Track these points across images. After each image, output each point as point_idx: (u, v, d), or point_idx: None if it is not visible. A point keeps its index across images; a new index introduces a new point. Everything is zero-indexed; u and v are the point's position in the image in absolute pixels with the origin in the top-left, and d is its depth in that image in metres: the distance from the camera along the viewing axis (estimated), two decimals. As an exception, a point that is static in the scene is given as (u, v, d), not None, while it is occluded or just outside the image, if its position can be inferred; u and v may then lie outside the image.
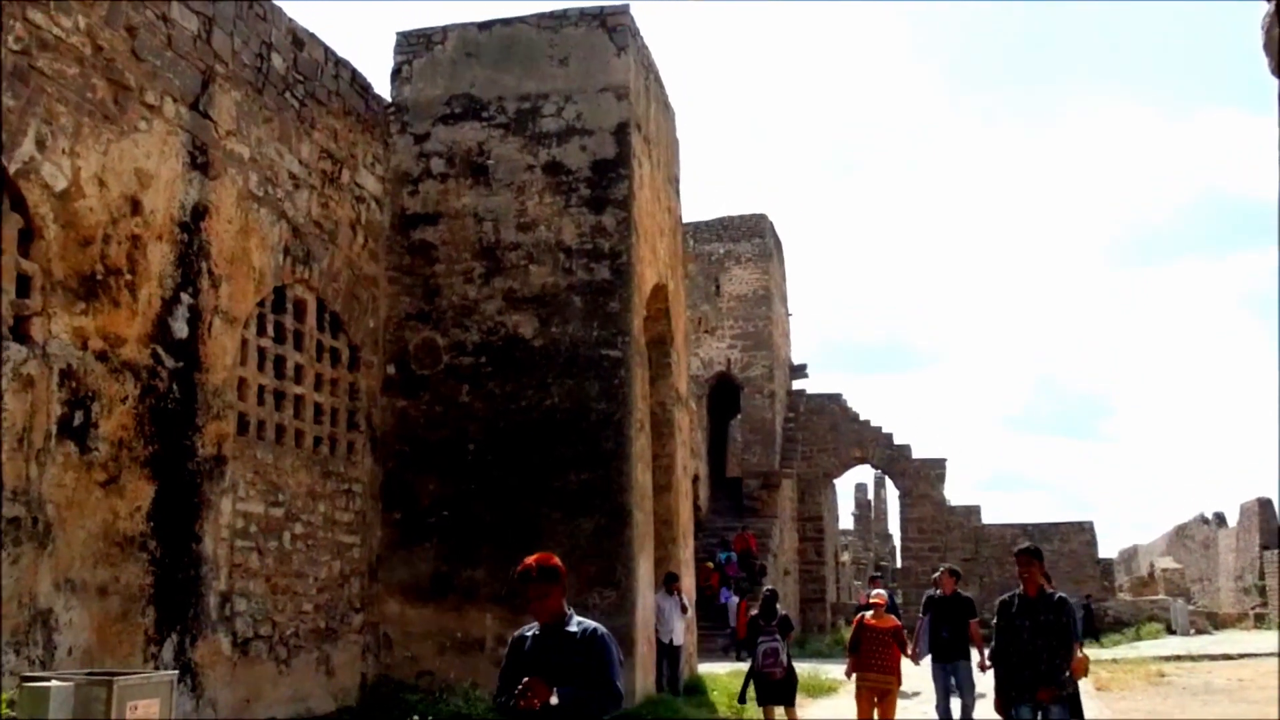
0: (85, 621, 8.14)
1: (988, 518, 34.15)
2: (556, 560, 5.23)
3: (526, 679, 4.80)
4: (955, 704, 11.62)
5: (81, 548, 8.13)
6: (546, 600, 5.14)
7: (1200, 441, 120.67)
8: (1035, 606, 8.19)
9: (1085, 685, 11.72)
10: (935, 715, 11.75)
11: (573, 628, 5.16)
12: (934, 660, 11.73)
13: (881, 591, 12.84)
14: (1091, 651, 22.44)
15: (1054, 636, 8.12)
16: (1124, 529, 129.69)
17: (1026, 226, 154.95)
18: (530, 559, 5.19)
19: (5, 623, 7.38)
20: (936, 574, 12.61)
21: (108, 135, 8.64)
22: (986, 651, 11.05)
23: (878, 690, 11.18)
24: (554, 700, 4.80)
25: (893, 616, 11.88)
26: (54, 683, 5.54)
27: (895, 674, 11.28)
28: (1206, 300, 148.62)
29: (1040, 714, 8.16)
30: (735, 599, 25.90)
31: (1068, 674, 8.12)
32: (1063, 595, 8.42)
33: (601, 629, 5.18)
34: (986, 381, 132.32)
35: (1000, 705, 8.41)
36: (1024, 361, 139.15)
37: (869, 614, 11.54)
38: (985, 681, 11.18)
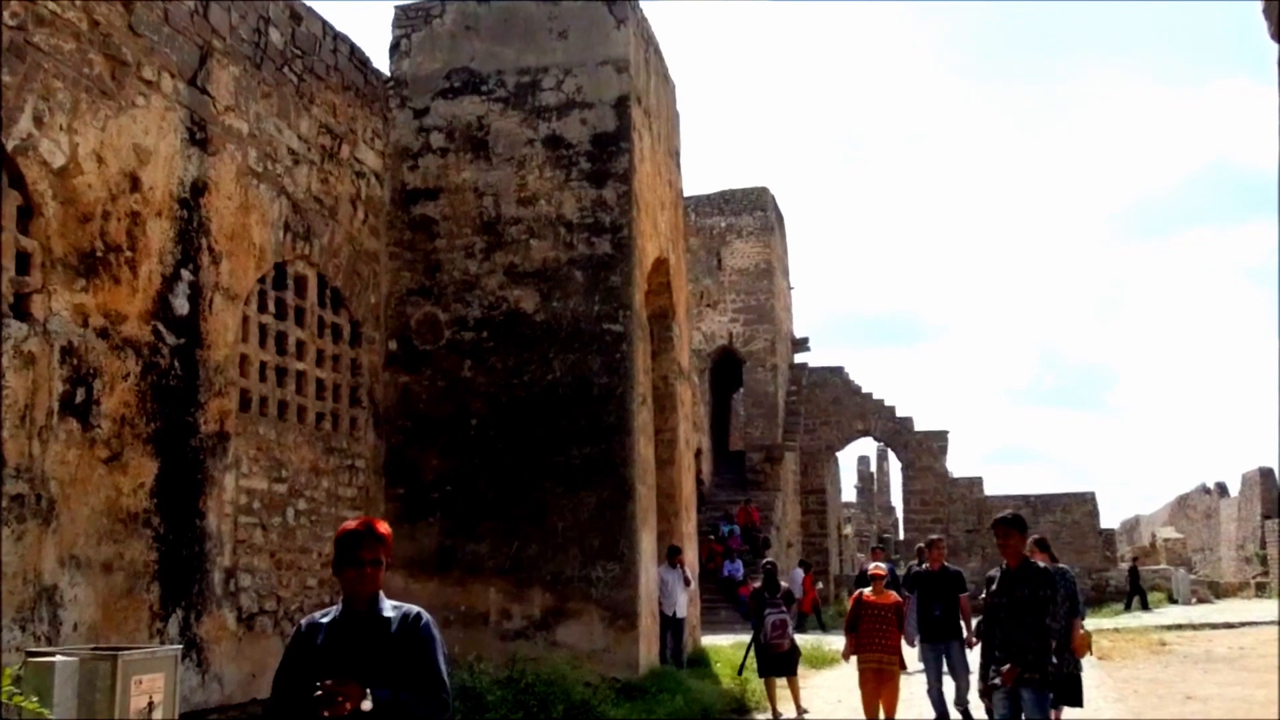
0: (90, 598, 8.17)
1: (990, 489, 34.30)
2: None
3: (331, 681, 3.79)
4: (949, 686, 11.05)
5: (85, 524, 8.15)
6: (379, 571, 4.12)
7: (1203, 412, 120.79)
8: (1014, 581, 7.55)
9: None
10: (929, 699, 11.08)
11: (388, 612, 4.13)
12: (923, 640, 11.03)
13: (881, 565, 12.47)
14: (1101, 620, 22.54)
15: (1028, 613, 7.43)
16: (1126, 499, 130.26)
17: (1032, 199, 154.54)
18: (361, 518, 4.32)
19: (11, 599, 7.40)
20: (921, 545, 11.86)
21: (105, 111, 8.60)
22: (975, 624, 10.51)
23: (880, 672, 10.57)
24: (367, 705, 3.82)
25: (893, 592, 11.26)
26: (59, 658, 5.57)
27: (898, 654, 10.68)
28: (1211, 271, 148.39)
29: (1015, 702, 7.44)
30: (800, 571, 25.80)
31: (1043, 655, 7.39)
32: (1044, 567, 7.75)
33: (425, 614, 4.18)
34: (990, 354, 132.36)
35: (980, 691, 7.94)
36: (1028, 334, 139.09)
37: (868, 590, 10.98)
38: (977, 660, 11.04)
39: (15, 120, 7.71)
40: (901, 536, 37.93)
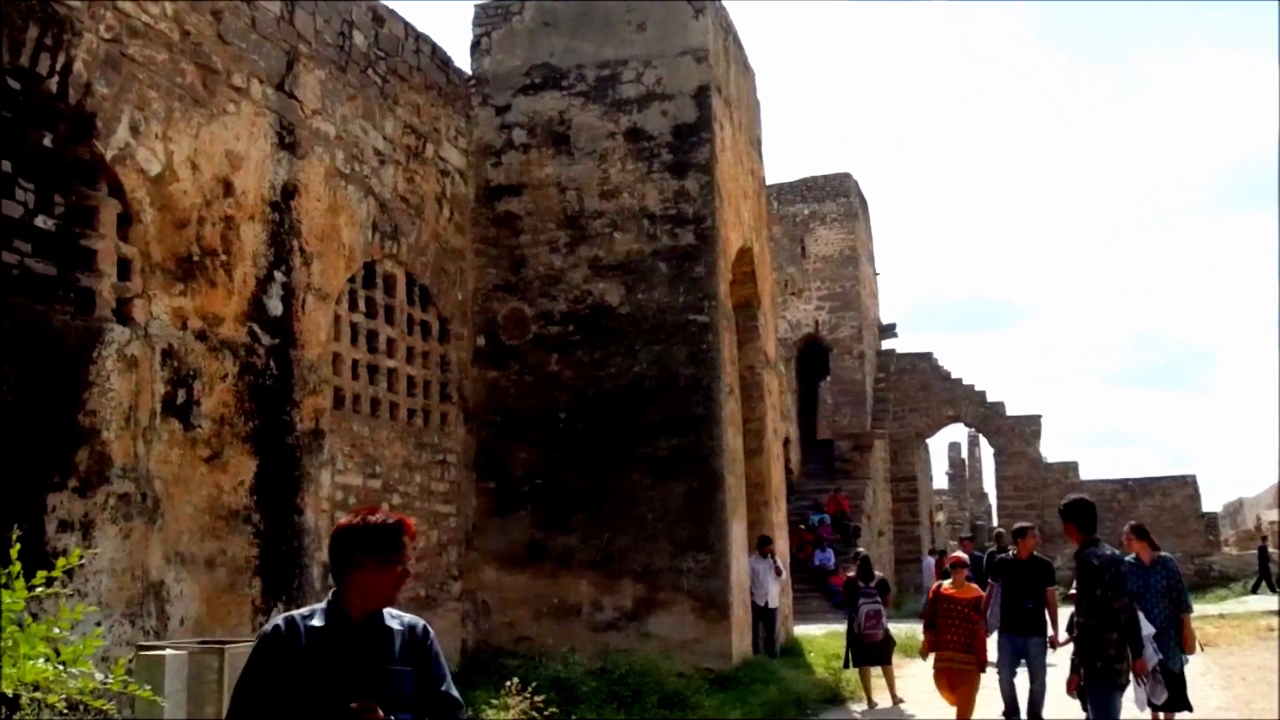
0: (195, 593, 8.39)
1: (1086, 474, 33.60)
2: None
3: (357, 706, 3.22)
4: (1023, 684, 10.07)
5: (189, 522, 8.37)
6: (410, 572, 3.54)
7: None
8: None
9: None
10: (1000, 691, 10.11)
11: (393, 621, 3.52)
12: (1002, 632, 10.05)
13: (961, 554, 11.91)
14: (1205, 607, 21.92)
15: (1083, 610, 7.09)
16: (1229, 482, 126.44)
17: (1124, 173, 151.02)
18: (385, 511, 3.61)
19: (120, 595, 7.64)
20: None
21: (198, 119, 8.81)
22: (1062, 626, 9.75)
23: (954, 672, 9.92)
24: None
25: (975, 585, 10.55)
26: (168, 651, 5.72)
27: (978, 653, 9.89)
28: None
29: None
30: (930, 560, 25.13)
31: (1084, 652, 7.05)
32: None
33: (427, 625, 3.64)
34: (1084, 335, 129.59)
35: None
36: (1123, 314, 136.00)
37: (947, 582, 10.35)
38: (1057, 659, 9.94)
39: (113, 130, 7.94)
40: (995, 523, 37.37)
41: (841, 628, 14.58)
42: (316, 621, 3.45)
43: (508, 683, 9.29)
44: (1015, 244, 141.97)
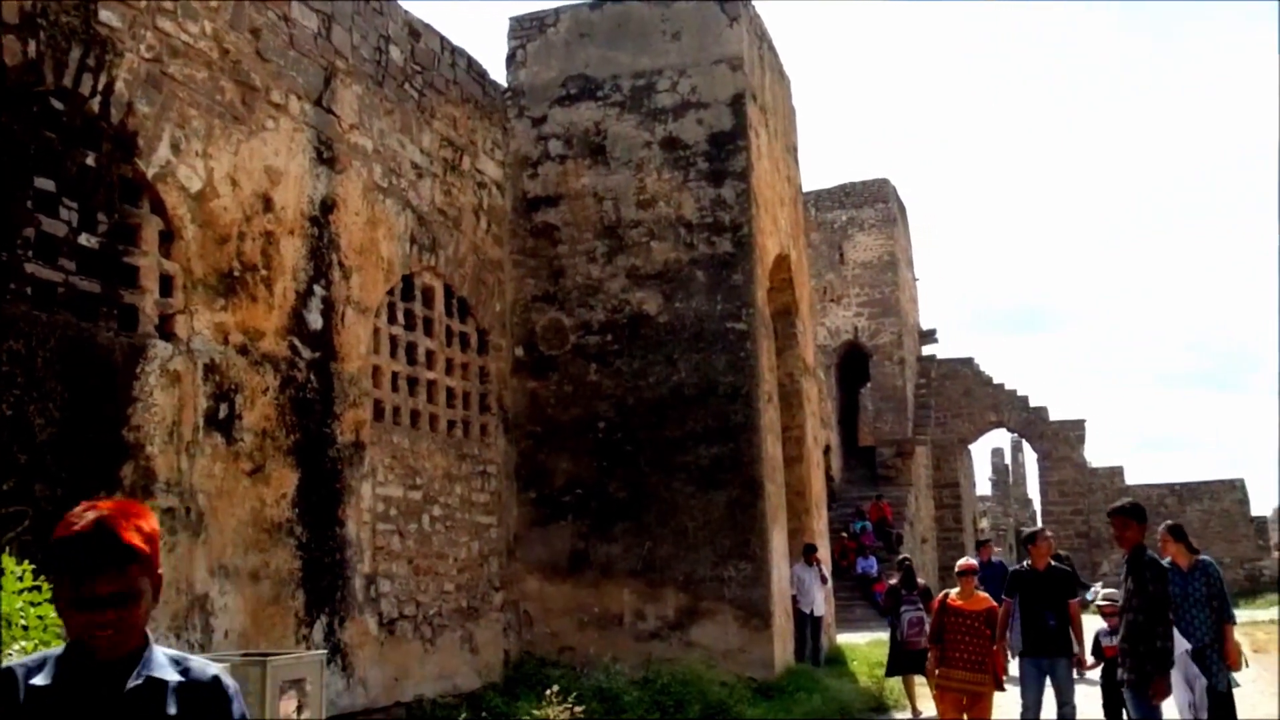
0: (239, 605, 8.45)
1: (1133, 478, 33.17)
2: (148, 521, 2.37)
3: None
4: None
5: (233, 535, 8.44)
6: (137, 610, 2.32)
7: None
8: (1127, 572, 7.27)
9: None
10: None
11: (163, 672, 2.35)
12: (1025, 655, 9.01)
13: (970, 559, 10.41)
14: (1256, 612, 21.55)
15: (1139, 611, 7.09)
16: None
17: (1167, 177, 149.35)
18: (105, 504, 2.32)
19: (166, 609, 7.71)
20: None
21: (238, 135, 8.90)
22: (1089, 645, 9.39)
23: (965, 693, 9.02)
24: None
25: (985, 595, 9.50)
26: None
27: (989, 671, 8.98)
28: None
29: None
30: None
31: (1134, 656, 7.03)
32: (1148, 556, 7.24)
33: (225, 677, 2.49)
34: (1128, 338, 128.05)
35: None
36: (1168, 316, 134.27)
37: (954, 592, 9.38)
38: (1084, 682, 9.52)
39: (154, 148, 8.03)
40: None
41: (885, 636, 14.49)
42: (42, 674, 2.29)
43: (548, 692, 9.30)
44: (1057, 247, 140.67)
